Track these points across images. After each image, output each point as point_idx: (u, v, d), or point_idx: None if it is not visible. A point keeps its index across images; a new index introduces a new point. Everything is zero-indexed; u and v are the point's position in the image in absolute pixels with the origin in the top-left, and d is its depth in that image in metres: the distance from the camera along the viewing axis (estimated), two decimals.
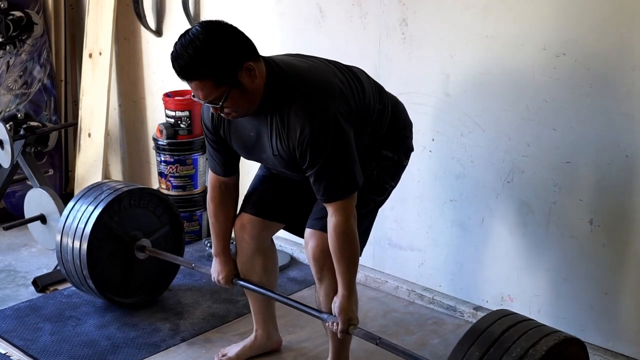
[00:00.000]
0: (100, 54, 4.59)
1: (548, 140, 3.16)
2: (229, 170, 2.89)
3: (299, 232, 3.00)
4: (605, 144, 3.03)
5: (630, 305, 3.10)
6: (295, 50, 3.05)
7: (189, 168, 4.30)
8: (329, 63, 2.70)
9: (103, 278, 3.45)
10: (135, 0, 4.43)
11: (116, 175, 5.00)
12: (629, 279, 3.09)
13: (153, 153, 4.45)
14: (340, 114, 2.52)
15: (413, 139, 2.94)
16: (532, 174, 3.24)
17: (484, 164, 3.37)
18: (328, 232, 2.61)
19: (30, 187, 4.08)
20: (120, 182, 3.68)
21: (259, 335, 3.20)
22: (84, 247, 3.36)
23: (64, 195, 4.78)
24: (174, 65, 2.46)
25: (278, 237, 3.21)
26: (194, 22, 4.23)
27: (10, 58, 4.56)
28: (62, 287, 3.85)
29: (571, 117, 3.08)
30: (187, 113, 4.24)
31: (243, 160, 2.97)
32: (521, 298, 3.36)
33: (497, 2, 3.18)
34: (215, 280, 3.07)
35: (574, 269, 3.20)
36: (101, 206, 3.38)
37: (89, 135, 4.66)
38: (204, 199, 4.37)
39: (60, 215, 3.56)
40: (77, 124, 4.73)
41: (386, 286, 3.78)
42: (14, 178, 4.29)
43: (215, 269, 3.06)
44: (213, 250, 3.04)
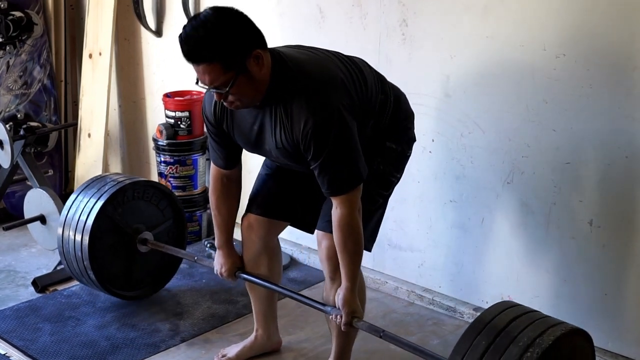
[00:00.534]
0: (100, 54, 4.59)
1: (548, 141, 3.16)
2: (230, 163, 2.88)
3: (305, 228, 3.02)
4: (605, 145, 3.03)
5: (630, 306, 3.10)
6: None
7: (188, 168, 4.30)
8: (330, 54, 2.70)
9: (104, 270, 3.43)
10: (135, 1, 4.43)
11: None
12: (629, 280, 3.09)
13: (153, 153, 4.45)
14: (342, 106, 2.51)
15: (416, 141, 2.94)
16: (532, 175, 3.24)
17: (484, 165, 3.37)
18: (332, 225, 2.61)
19: (30, 188, 4.08)
20: (123, 175, 3.67)
21: (259, 336, 3.20)
22: (86, 238, 3.33)
23: (64, 195, 4.77)
24: (182, 47, 2.42)
25: (278, 238, 3.21)
26: None
27: (10, 58, 4.56)
28: (62, 288, 3.85)
29: (571, 118, 3.08)
30: (187, 113, 4.24)
31: (244, 160, 2.97)
32: (521, 299, 3.35)
33: (497, 3, 3.18)
34: (218, 273, 3.06)
35: (574, 269, 3.20)
36: (105, 197, 3.36)
37: (89, 135, 4.66)
38: (204, 200, 4.38)
39: (60, 215, 3.55)
40: (77, 124, 4.73)
41: (386, 287, 3.78)
42: (14, 178, 4.29)
43: (218, 262, 3.04)
44: (216, 242, 3.03)
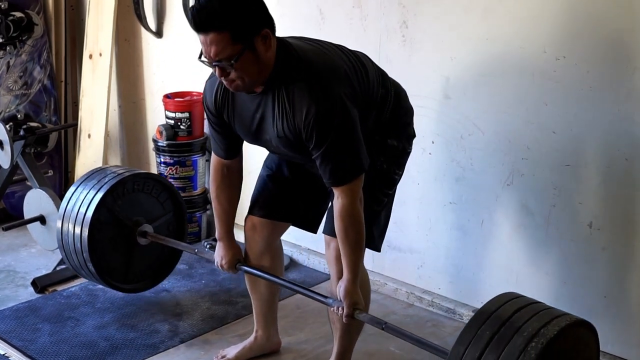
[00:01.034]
0: (100, 55, 4.59)
1: (548, 143, 3.16)
2: (231, 153, 2.87)
3: (307, 227, 3.03)
4: (605, 147, 3.03)
5: (630, 308, 3.09)
6: None
7: (188, 169, 4.30)
8: (334, 46, 2.70)
9: (103, 262, 3.41)
10: (135, 2, 4.44)
11: None
12: (628, 282, 3.09)
13: (153, 154, 4.45)
14: (345, 95, 2.51)
15: (415, 137, 2.93)
16: (532, 177, 3.24)
17: (484, 167, 3.38)
18: (334, 215, 2.61)
19: (30, 188, 4.08)
20: (123, 167, 3.66)
21: (259, 337, 3.20)
22: (86, 230, 3.31)
23: (64, 196, 4.77)
24: (194, 15, 2.42)
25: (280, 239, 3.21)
26: None
27: (11, 59, 4.57)
28: (61, 288, 3.85)
29: (571, 120, 3.08)
30: (187, 114, 4.24)
31: (244, 161, 2.98)
32: None
33: (497, 5, 3.18)
34: (219, 265, 3.04)
35: (573, 272, 3.20)
36: (105, 188, 3.34)
37: (89, 136, 4.66)
38: (204, 201, 4.38)
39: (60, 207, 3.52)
40: (77, 124, 4.73)
41: (385, 288, 3.78)
42: (14, 179, 4.29)
43: (219, 254, 3.03)
44: (216, 234, 3.02)
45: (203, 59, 2.48)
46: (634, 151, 2.96)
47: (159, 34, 4.52)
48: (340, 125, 2.50)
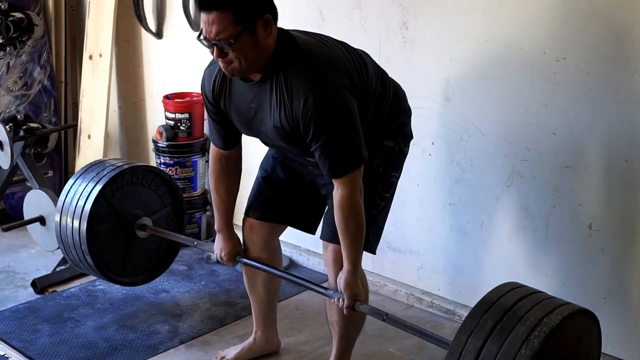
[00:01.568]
0: (100, 55, 4.59)
1: (548, 144, 3.16)
2: (230, 143, 2.87)
3: (304, 229, 3.03)
4: (604, 149, 3.03)
5: (629, 310, 3.10)
6: None
7: (188, 170, 4.30)
8: (335, 40, 2.70)
9: (102, 255, 3.38)
10: (135, 3, 4.44)
11: None
12: (628, 284, 3.09)
13: (153, 155, 4.45)
14: (344, 86, 2.51)
15: (412, 138, 2.93)
16: (532, 178, 3.24)
17: (484, 168, 3.38)
18: (334, 206, 2.60)
19: (30, 189, 4.08)
20: (122, 160, 3.64)
21: (258, 338, 3.20)
22: (84, 222, 3.28)
23: None
24: None
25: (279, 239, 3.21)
26: (195, 25, 4.24)
27: (11, 59, 4.57)
28: (61, 289, 3.85)
29: (571, 122, 3.08)
30: (187, 115, 4.24)
31: (244, 161, 2.98)
32: None
33: (497, 6, 3.18)
34: (218, 257, 3.04)
35: (573, 273, 3.20)
36: (104, 181, 3.31)
37: (89, 136, 4.66)
38: (204, 201, 4.38)
39: (58, 200, 3.49)
40: (77, 125, 4.73)
41: (385, 289, 3.78)
42: (14, 179, 4.29)
43: (218, 246, 3.03)
44: (215, 226, 3.01)
45: (202, 38, 2.46)
46: (633, 152, 2.96)
47: (159, 34, 4.52)
48: (340, 117, 2.49)
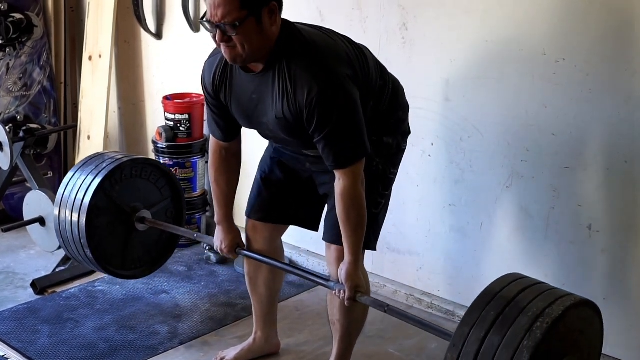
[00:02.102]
0: (100, 56, 4.59)
1: (547, 145, 3.16)
2: (230, 136, 2.86)
3: (305, 226, 3.03)
4: (604, 150, 3.03)
5: (629, 311, 3.10)
6: None
7: (188, 171, 4.30)
8: (336, 33, 2.70)
9: (101, 248, 3.36)
10: (135, 3, 4.44)
11: None
12: (627, 285, 3.09)
13: (152, 156, 4.45)
14: (347, 76, 2.52)
15: (410, 135, 2.93)
16: (531, 179, 3.24)
17: (483, 169, 3.38)
18: (335, 196, 2.60)
19: (30, 189, 4.08)
20: (121, 153, 3.62)
21: (258, 338, 3.21)
22: (83, 216, 3.26)
23: None
24: None
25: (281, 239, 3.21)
26: (194, 26, 4.24)
27: (10, 60, 4.57)
28: (61, 290, 3.85)
29: (570, 123, 3.08)
30: (187, 116, 4.24)
31: (244, 162, 2.98)
32: None
33: (497, 7, 3.18)
34: (218, 249, 3.03)
35: (573, 274, 3.20)
36: (103, 174, 3.29)
37: (89, 137, 4.66)
38: (203, 202, 4.38)
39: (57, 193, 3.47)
40: (77, 126, 4.73)
41: (384, 290, 3.78)
42: (13, 180, 4.29)
43: (218, 238, 3.02)
44: (215, 218, 3.01)
45: (206, 21, 2.45)
46: (633, 153, 2.96)
47: (158, 35, 4.52)
48: (344, 106, 2.49)
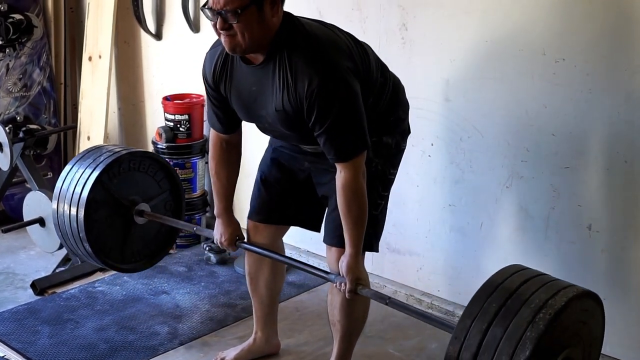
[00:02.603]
0: (100, 57, 4.59)
1: (547, 145, 3.16)
2: (230, 128, 2.85)
3: (306, 227, 3.03)
4: (604, 150, 3.04)
5: (629, 311, 3.10)
6: None
7: (187, 172, 4.30)
8: (338, 28, 2.70)
9: (100, 242, 3.33)
10: (135, 4, 4.44)
11: None
12: (627, 285, 3.09)
13: None
14: (348, 69, 2.51)
15: (410, 136, 2.93)
16: (531, 179, 3.25)
17: (483, 169, 3.38)
18: (337, 189, 2.60)
19: (29, 190, 4.08)
20: (120, 146, 3.61)
21: (258, 339, 3.20)
22: (82, 209, 3.24)
23: None
24: None
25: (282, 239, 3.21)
26: (194, 27, 4.24)
27: (10, 61, 4.57)
28: (61, 290, 3.85)
29: (570, 123, 3.08)
30: (187, 117, 4.24)
31: (244, 161, 2.98)
32: None
33: (496, 7, 3.18)
34: (218, 242, 3.03)
35: (573, 274, 3.20)
36: (101, 167, 3.27)
37: (88, 138, 4.66)
38: (203, 203, 4.38)
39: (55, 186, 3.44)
40: (77, 127, 4.73)
41: (384, 290, 3.78)
42: (13, 180, 4.29)
43: (218, 231, 3.02)
44: (215, 210, 3.01)
45: (207, 8, 2.45)
46: (633, 153, 2.96)
47: (158, 36, 4.52)
48: (344, 99, 2.49)
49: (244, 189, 3.06)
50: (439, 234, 3.60)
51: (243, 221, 3.07)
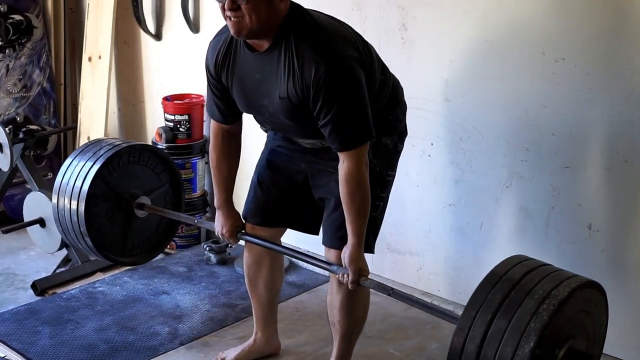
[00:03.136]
0: (99, 57, 4.59)
1: (547, 145, 3.16)
2: (231, 118, 2.84)
3: (303, 230, 3.02)
4: (604, 149, 3.04)
5: (628, 311, 3.10)
6: None
7: (187, 172, 4.29)
8: (343, 22, 2.70)
9: (101, 236, 3.33)
10: (134, 4, 4.44)
11: None
12: (627, 285, 3.09)
13: None
14: (352, 58, 2.52)
15: (410, 136, 2.93)
16: (531, 179, 3.25)
17: (483, 169, 3.38)
18: (339, 178, 2.59)
19: (30, 191, 4.08)
20: (119, 139, 3.61)
21: (258, 339, 3.20)
22: (82, 203, 3.23)
23: None
24: None
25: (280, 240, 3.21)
26: (194, 27, 4.24)
27: (10, 61, 4.57)
28: (61, 291, 3.85)
29: (570, 122, 3.08)
30: (187, 117, 4.24)
31: (242, 162, 2.97)
32: None
33: (496, 7, 3.18)
34: (219, 234, 3.02)
35: None
36: (101, 161, 3.27)
37: (88, 138, 4.65)
38: (203, 203, 4.38)
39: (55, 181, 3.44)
40: (77, 127, 4.73)
41: None
42: (13, 181, 4.29)
43: (219, 222, 3.01)
44: (215, 202, 3.00)
45: None
46: (633, 153, 2.96)
47: (158, 36, 4.52)
48: (350, 87, 2.49)
49: (245, 185, 3.05)
50: (439, 234, 3.60)
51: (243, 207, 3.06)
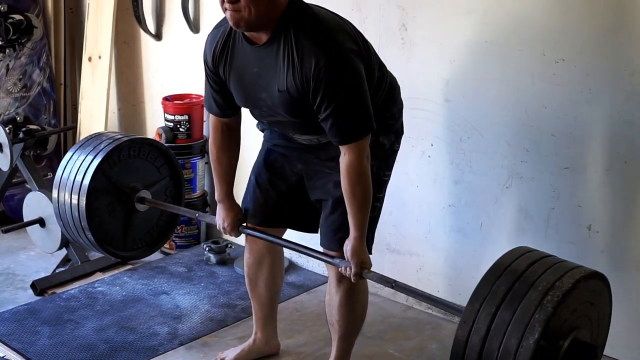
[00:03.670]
0: (99, 57, 4.59)
1: (547, 145, 3.16)
2: (230, 111, 2.83)
3: (302, 229, 3.02)
4: (604, 150, 3.04)
5: (627, 311, 3.10)
6: None
7: (187, 172, 4.29)
8: (343, 17, 2.71)
9: (102, 230, 3.32)
10: (135, 4, 4.44)
11: None
12: (627, 285, 3.09)
13: None
14: (352, 51, 2.51)
15: (410, 136, 2.91)
16: (531, 180, 3.25)
17: (483, 170, 3.38)
18: (341, 172, 2.59)
19: (29, 190, 4.08)
20: (119, 133, 3.59)
21: (258, 339, 3.20)
22: (83, 198, 3.22)
23: None
24: None
25: None
26: (194, 27, 4.25)
27: (10, 61, 4.57)
28: (61, 291, 3.85)
29: (570, 123, 3.08)
30: (187, 117, 4.24)
31: (241, 162, 2.97)
32: None
33: (496, 8, 3.18)
34: (221, 228, 3.01)
35: None
36: (101, 155, 3.25)
37: None
38: (203, 203, 4.38)
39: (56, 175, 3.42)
40: (77, 127, 4.73)
41: (384, 291, 3.78)
42: (13, 181, 4.29)
43: (220, 216, 3.00)
44: (216, 196, 2.99)
45: None
46: (633, 153, 2.96)
47: (158, 36, 4.52)
48: (350, 80, 2.49)
49: (245, 180, 3.05)
50: (439, 234, 3.60)
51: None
